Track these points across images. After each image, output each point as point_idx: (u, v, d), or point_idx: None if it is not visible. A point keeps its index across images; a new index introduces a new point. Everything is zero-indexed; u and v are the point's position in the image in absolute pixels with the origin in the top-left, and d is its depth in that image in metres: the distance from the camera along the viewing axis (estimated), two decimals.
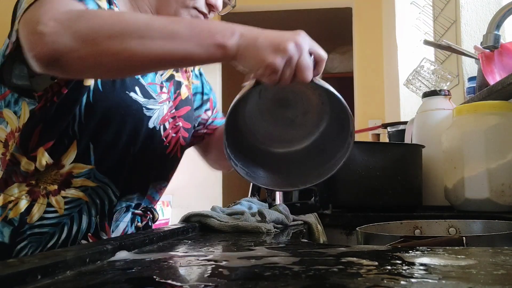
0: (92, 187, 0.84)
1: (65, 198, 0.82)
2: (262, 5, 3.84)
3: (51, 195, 0.82)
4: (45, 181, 0.82)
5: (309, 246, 0.61)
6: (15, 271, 0.36)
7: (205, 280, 0.39)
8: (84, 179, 0.83)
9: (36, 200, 0.81)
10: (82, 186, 0.83)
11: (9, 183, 0.82)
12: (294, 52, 0.66)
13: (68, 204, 0.82)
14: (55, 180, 0.82)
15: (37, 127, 0.80)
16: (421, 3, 2.31)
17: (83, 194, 0.83)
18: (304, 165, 0.82)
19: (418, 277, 0.38)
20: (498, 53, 1.43)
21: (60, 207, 0.82)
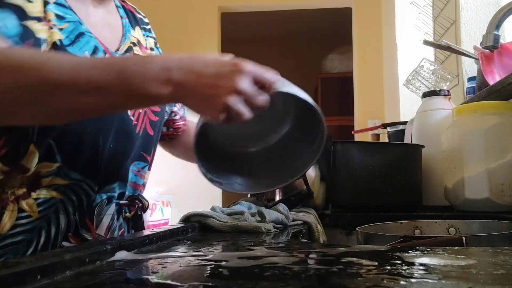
0: (64, 185, 0.78)
1: (37, 199, 0.77)
2: (262, 5, 3.84)
3: (20, 199, 0.76)
4: (11, 185, 0.76)
5: (309, 246, 0.61)
6: (14, 271, 0.35)
7: (205, 280, 0.39)
8: (54, 177, 0.77)
9: (5, 207, 0.75)
10: (53, 185, 0.77)
11: None
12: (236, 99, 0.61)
13: (41, 206, 0.77)
14: (22, 183, 0.76)
15: (3, 136, 0.75)
16: (421, 3, 2.31)
17: (56, 192, 0.77)
18: (277, 163, 0.81)
19: (418, 277, 0.38)
20: (498, 53, 1.43)
21: (33, 210, 0.76)
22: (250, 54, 1.11)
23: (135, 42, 0.95)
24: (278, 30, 5.03)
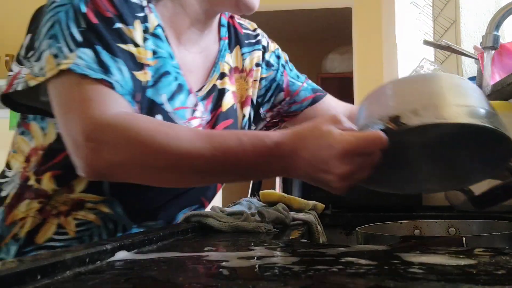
0: (104, 212, 0.78)
1: (76, 219, 0.77)
2: (262, 5, 3.84)
3: (62, 215, 0.77)
4: (56, 200, 0.77)
5: (309, 246, 0.61)
6: (15, 271, 0.35)
7: (205, 280, 0.39)
8: (99, 204, 0.77)
9: (46, 219, 0.76)
10: (95, 209, 0.77)
11: (21, 198, 0.77)
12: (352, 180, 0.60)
13: (79, 227, 0.77)
14: (66, 201, 0.77)
15: (62, 152, 0.74)
16: (421, 3, 2.31)
17: (95, 217, 0.77)
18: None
19: (418, 277, 0.38)
20: (498, 53, 1.43)
21: (71, 228, 0.77)
22: None
23: (225, 73, 0.91)
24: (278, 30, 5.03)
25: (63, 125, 0.67)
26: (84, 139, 0.62)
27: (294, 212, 0.95)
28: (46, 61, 0.68)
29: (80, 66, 0.66)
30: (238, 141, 0.62)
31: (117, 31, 0.71)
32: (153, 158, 0.62)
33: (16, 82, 0.72)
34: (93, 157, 0.62)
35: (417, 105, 0.58)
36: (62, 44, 0.68)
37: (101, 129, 0.62)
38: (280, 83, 1.01)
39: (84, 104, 0.64)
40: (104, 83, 0.66)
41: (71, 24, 0.69)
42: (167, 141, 0.62)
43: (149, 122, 0.65)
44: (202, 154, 0.61)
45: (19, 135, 0.81)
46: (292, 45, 5.55)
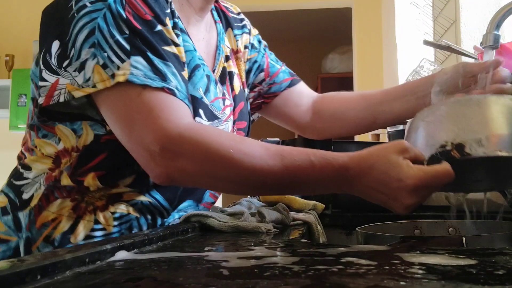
0: (143, 201, 0.78)
1: (114, 213, 0.76)
2: (262, 5, 3.84)
3: (98, 210, 0.76)
4: (92, 196, 0.76)
5: (309, 246, 0.61)
6: (15, 271, 0.35)
7: (205, 280, 0.39)
8: (137, 194, 0.78)
9: (81, 216, 0.75)
10: (133, 200, 0.77)
11: (51, 199, 0.76)
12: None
13: (117, 221, 0.76)
14: (103, 195, 0.76)
15: (101, 154, 0.75)
16: (421, 3, 2.31)
17: (133, 209, 0.77)
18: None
19: (418, 277, 0.38)
20: (498, 53, 1.43)
21: (108, 224, 0.76)
22: None
23: (228, 55, 0.94)
24: (278, 30, 5.03)
25: (129, 136, 0.68)
26: (160, 149, 0.64)
27: (294, 212, 0.95)
28: (93, 72, 0.67)
29: (139, 77, 0.66)
30: (309, 162, 0.65)
31: (159, 33, 0.71)
32: (227, 171, 0.65)
33: (56, 93, 0.71)
34: (170, 167, 0.65)
35: (481, 134, 0.61)
36: (109, 53, 0.67)
37: (177, 140, 0.65)
38: (261, 64, 1.05)
39: (152, 114, 0.66)
40: (165, 90, 0.67)
41: (114, 31, 0.68)
42: (241, 157, 0.65)
43: (222, 135, 0.68)
44: (273, 172, 0.65)
45: (39, 139, 0.79)
46: (292, 45, 5.55)
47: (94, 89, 0.67)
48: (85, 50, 0.68)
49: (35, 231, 0.76)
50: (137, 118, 0.66)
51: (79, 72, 0.68)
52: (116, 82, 0.66)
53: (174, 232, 0.66)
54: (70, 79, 0.69)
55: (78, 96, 0.69)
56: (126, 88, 0.66)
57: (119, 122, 0.68)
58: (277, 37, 5.22)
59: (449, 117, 0.65)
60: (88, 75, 0.67)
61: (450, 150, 0.62)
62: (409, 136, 0.71)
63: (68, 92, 0.69)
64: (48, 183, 0.77)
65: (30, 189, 0.78)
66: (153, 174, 0.68)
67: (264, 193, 0.77)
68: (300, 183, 0.66)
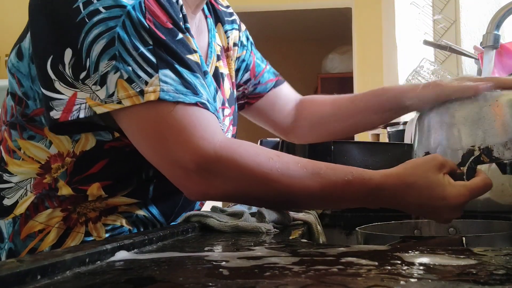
0: (138, 215, 0.76)
1: (106, 225, 0.73)
2: (262, 5, 3.84)
3: (90, 222, 0.73)
4: (85, 207, 0.72)
5: (309, 246, 0.61)
6: (15, 271, 0.35)
7: (205, 280, 0.39)
8: (133, 207, 0.75)
9: (72, 228, 0.72)
10: (128, 212, 0.75)
11: (41, 208, 0.72)
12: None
13: (109, 233, 0.73)
14: (97, 207, 0.73)
15: (101, 161, 0.72)
16: (421, 3, 2.31)
17: (126, 221, 0.75)
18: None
19: (418, 277, 0.38)
20: (498, 53, 1.43)
21: (100, 235, 0.73)
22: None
23: (219, 55, 0.90)
24: (278, 30, 5.03)
25: (160, 154, 0.65)
26: (196, 169, 0.64)
27: (294, 212, 0.95)
28: (117, 87, 0.62)
29: (170, 93, 0.63)
30: (346, 181, 0.66)
31: (181, 42, 0.68)
32: (264, 191, 0.67)
33: (75, 108, 0.64)
34: (206, 186, 0.65)
35: (505, 137, 0.66)
36: (134, 66, 0.62)
37: (214, 160, 0.64)
38: (248, 63, 1.02)
39: (186, 132, 0.63)
40: (199, 105, 0.65)
41: (137, 42, 0.63)
42: (279, 177, 0.65)
43: (259, 153, 0.67)
44: (311, 192, 0.66)
45: (24, 140, 0.73)
46: (292, 45, 5.55)
47: (119, 105, 0.62)
48: (104, 62, 0.63)
49: (19, 243, 0.72)
50: (169, 136, 0.63)
51: (100, 86, 0.63)
52: (147, 100, 0.62)
53: (174, 232, 0.66)
54: (90, 93, 0.64)
55: (100, 112, 0.64)
56: (157, 106, 0.63)
57: (148, 140, 0.65)
58: (277, 37, 5.22)
59: (470, 120, 0.68)
60: (111, 90, 0.63)
61: (479, 155, 0.67)
62: (423, 135, 0.73)
63: (89, 108, 0.64)
64: (41, 191, 0.72)
65: (14, 194, 0.73)
66: (189, 192, 0.68)
67: (296, 208, 0.79)
68: (334, 201, 0.69)
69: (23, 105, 0.73)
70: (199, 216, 0.77)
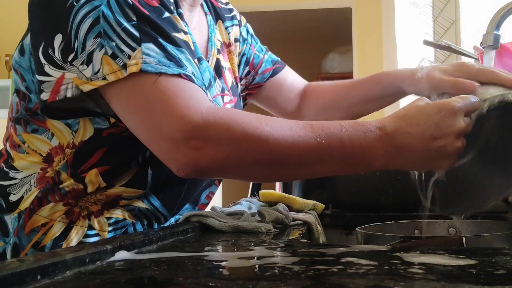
0: (140, 208, 0.76)
1: (109, 219, 0.73)
2: (262, 5, 3.84)
3: (93, 216, 0.73)
4: (86, 200, 0.72)
5: (309, 246, 0.61)
6: (15, 271, 0.35)
7: (205, 280, 0.39)
8: (135, 200, 0.75)
9: (74, 222, 0.72)
10: (130, 205, 0.75)
11: (44, 202, 0.72)
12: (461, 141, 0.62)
13: (112, 226, 0.73)
14: (99, 200, 0.73)
15: (100, 149, 0.71)
16: (421, 3, 2.31)
17: (129, 214, 0.75)
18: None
19: (418, 277, 0.38)
20: (498, 53, 1.43)
21: (103, 229, 0.73)
22: None
23: (219, 49, 0.90)
24: (278, 30, 5.03)
25: (148, 127, 0.64)
26: (184, 138, 0.61)
27: (294, 212, 0.95)
28: (102, 63, 0.63)
29: (152, 64, 0.62)
30: (340, 126, 0.62)
31: (168, 20, 0.68)
32: (259, 153, 0.61)
33: (63, 88, 0.66)
34: (196, 155, 0.61)
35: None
36: (117, 42, 0.63)
37: (202, 126, 0.61)
38: (248, 56, 1.02)
39: (171, 102, 0.62)
40: (182, 76, 0.64)
41: (121, 19, 0.64)
42: (271, 131, 0.61)
43: (248, 115, 0.64)
44: (307, 143, 0.61)
45: (28, 133, 0.74)
46: (292, 45, 5.54)
47: (104, 81, 0.63)
48: (90, 40, 0.64)
49: (23, 237, 0.72)
50: (155, 108, 0.62)
51: (86, 65, 0.64)
52: (129, 73, 0.62)
53: (174, 232, 0.66)
54: (77, 73, 0.65)
55: (87, 89, 0.64)
56: (140, 78, 0.63)
57: (135, 113, 0.64)
58: (277, 37, 5.22)
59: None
60: (97, 67, 0.63)
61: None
62: None
63: (76, 87, 0.65)
64: (44, 185, 0.73)
65: (19, 190, 0.74)
66: (178, 165, 0.63)
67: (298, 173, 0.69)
68: (338, 151, 0.61)
69: (26, 99, 0.74)
70: (199, 216, 0.77)
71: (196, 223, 0.76)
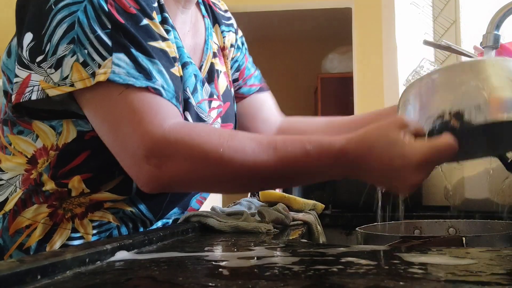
0: (125, 211, 0.75)
1: (93, 221, 0.73)
2: (262, 5, 3.84)
3: (76, 218, 0.72)
4: (70, 202, 0.72)
5: (309, 246, 0.61)
6: (15, 271, 0.35)
7: (205, 280, 0.39)
8: (119, 203, 0.74)
9: (58, 224, 0.71)
10: (114, 208, 0.74)
11: (28, 204, 0.72)
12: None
13: (96, 229, 0.73)
14: (83, 203, 0.72)
15: (83, 153, 0.71)
16: (421, 3, 2.31)
17: (114, 217, 0.74)
18: None
19: (418, 277, 0.38)
20: (498, 53, 1.42)
21: (87, 232, 0.72)
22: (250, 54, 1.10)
23: (215, 52, 0.90)
24: (278, 30, 5.03)
25: (113, 140, 0.64)
26: (144, 155, 0.61)
27: (294, 212, 0.95)
28: (72, 70, 0.63)
29: (121, 75, 0.62)
30: (304, 151, 0.61)
31: (145, 28, 0.67)
32: (218, 171, 0.62)
33: (28, 90, 0.66)
34: (156, 173, 0.61)
35: (479, 99, 0.57)
36: (89, 50, 0.63)
37: (162, 144, 0.61)
38: (240, 64, 1.02)
39: (136, 117, 0.62)
40: (150, 90, 0.63)
41: (95, 26, 0.63)
42: (232, 154, 0.61)
43: (209, 133, 0.64)
44: (268, 166, 0.61)
45: (14, 135, 0.74)
46: (292, 45, 5.54)
47: (71, 88, 0.63)
48: (63, 46, 0.63)
49: (8, 238, 0.72)
50: (120, 122, 0.62)
51: (55, 69, 0.64)
52: (96, 82, 0.62)
53: (174, 232, 0.66)
54: (44, 76, 0.65)
55: (52, 94, 0.64)
56: (107, 88, 0.62)
57: (103, 124, 0.65)
58: (277, 37, 5.22)
59: (443, 86, 0.61)
60: (66, 73, 0.63)
61: (449, 120, 0.59)
62: (402, 111, 0.67)
63: (42, 90, 0.64)
64: (27, 186, 0.72)
65: (4, 191, 0.74)
66: (141, 181, 0.64)
67: (261, 188, 0.72)
68: (297, 174, 0.62)
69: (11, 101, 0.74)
70: (199, 216, 0.77)
71: (196, 223, 0.76)
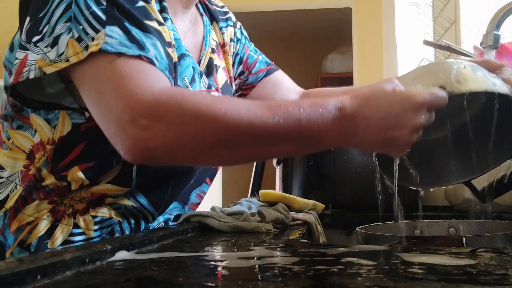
0: (127, 206, 0.75)
1: (95, 217, 0.72)
2: (262, 5, 3.84)
3: (78, 214, 0.72)
4: (71, 198, 0.71)
5: (309, 246, 0.61)
6: (15, 271, 0.35)
7: (205, 280, 0.39)
8: (121, 198, 0.74)
9: (59, 220, 0.71)
10: (116, 204, 0.74)
11: (29, 201, 0.71)
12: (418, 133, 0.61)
13: (98, 225, 0.72)
14: (84, 197, 0.72)
15: (79, 144, 0.70)
16: (421, 3, 2.31)
17: (116, 212, 0.74)
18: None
19: (418, 277, 0.38)
20: (498, 53, 1.43)
21: (88, 228, 0.72)
22: None
23: (214, 48, 0.91)
24: (278, 30, 5.03)
25: (99, 109, 0.61)
26: (131, 117, 0.57)
27: (294, 212, 0.95)
28: (67, 46, 0.62)
29: (113, 45, 0.61)
30: (298, 106, 0.59)
31: (141, 8, 0.67)
32: (212, 129, 0.58)
33: (25, 70, 0.64)
34: (144, 136, 0.57)
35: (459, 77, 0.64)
36: (84, 25, 0.62)
37: (151, 105, 0.57)
38: (242, 56, 1.02)
39: (122, 82, 0.59)
40: (143, 58, 0.62)
41: (91, 3, 0.63)
42: (226, 109, 0.57)
43: (202, 94, 0.62)
44: (264, 123, 0.58)
45: (13, 130, 0.74)
46: (292, 45, 5.54)
47: (67, 63, 0.62)
48: (60, 25, 0.63)
49: (9, 236, 0.72)
50: (108, 88, 0.60)
51: (51, 47, 0.63)
52: (89, 54, 0.60)
53: (174, 232, 0.66)
54: (41, 55, 0.64)
55: (49, 72, 0.63)
56: (100, 59, 0.60)
57: (90, 96, 0.62)
58: (277, 37, 5.22)
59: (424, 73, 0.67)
60: (61, 49, 0.62)
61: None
62: None
63: (39, 68, 0.63)
64: (27, 183, 0.72)
65: (5, 189, 0.73)
66: (125, 148, 0.59)
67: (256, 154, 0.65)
68: (295, 131, 0.59)
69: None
70: (199, 216, 0.78)
71: (196, 223, 0.76)
